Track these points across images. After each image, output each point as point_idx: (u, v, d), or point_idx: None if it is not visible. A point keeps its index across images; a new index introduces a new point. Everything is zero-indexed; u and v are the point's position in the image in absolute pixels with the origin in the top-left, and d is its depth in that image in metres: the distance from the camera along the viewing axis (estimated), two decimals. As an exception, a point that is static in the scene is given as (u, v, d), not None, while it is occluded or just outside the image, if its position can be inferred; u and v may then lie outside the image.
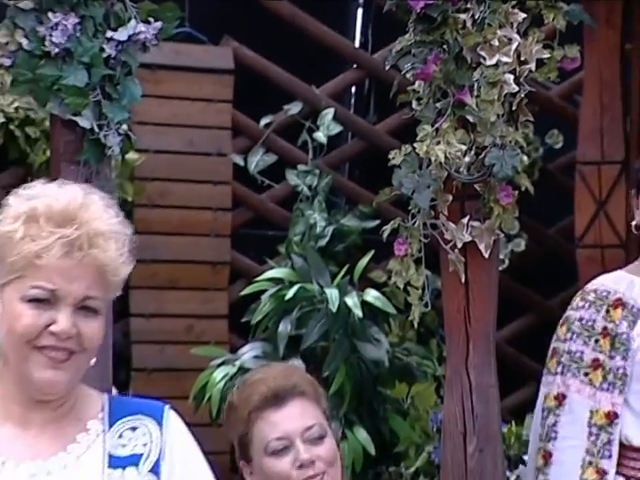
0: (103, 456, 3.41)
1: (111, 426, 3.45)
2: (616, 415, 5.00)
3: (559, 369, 5.08)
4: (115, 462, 3.42)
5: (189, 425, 3.58)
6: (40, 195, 3.36)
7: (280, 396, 4.29)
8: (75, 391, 3.42)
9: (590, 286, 5.10)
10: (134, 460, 3.43)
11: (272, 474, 4.25)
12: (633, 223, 5.03)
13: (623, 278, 5.12)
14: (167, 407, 3.52)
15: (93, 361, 3.40)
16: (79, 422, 3.42)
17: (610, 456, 4.96)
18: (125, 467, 3.41)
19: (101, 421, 3.46)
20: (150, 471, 3.42)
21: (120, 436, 3.45)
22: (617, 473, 4.99)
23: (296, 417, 4.30)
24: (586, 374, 5.03)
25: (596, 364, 5.02)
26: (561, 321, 5.13)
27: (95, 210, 3.33)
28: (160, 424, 3.49)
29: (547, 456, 5.10)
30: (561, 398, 5.06)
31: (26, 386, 3.35)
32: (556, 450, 5.10)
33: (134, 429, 3.48)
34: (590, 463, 5.00)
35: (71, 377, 3.32)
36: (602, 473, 4.98)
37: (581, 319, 5.09)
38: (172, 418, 3.52)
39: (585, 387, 5.07)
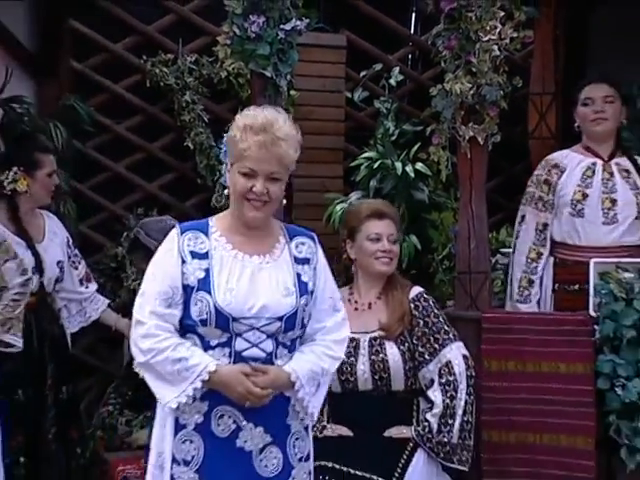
0: (290, 256, 3.44)
1: (290, 240, 3.49)
2: (547, 225, 5.02)
3: (523, 202, 5.13)
4: (297, 260, 3.44)
5: (320, 234, 3.68)
6: (249, 115, 3.39)
7: (381, 213, 4.38)
8: (269, 221, 3.48)
9: (546, 158, 5.14)
10: (306, 261, 3.45)
11: (367, 251, 4.33)
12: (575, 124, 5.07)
13: (565, 152, 5.09)
14: (315, 235, 3.56)
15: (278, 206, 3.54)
16: (273, 237, 3.48)
17: (545, 245, 5.00)
18: (303, 264, 3.44)
19: (284, 237, 3.50)
20: (313, 268, 3.45)
21: (296, 246, 3.47)
22: (551, 255, 5.03)
23: (387, 227, 4.36)
24: (535, 204, 5.05)
25: (539, 198, 5.05)
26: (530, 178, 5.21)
27: (279, 124, 3.34)
28: (315, 244, 3.50)
29: (514, 246, 5.19)
30: (522, 218, 5.12)
31: (242, 220, 3.41)
32: (517, 243, 5.14)
33: (303, 244, 3.49)
34: (534, 249, 5.03)
35: (265, 215, 3.41)
36: (539, 254, 4.99)
37: (535, 175, 5.11)
38: (319, 242, 3.54)
39: (534, 210, 5.06)
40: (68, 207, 5.86)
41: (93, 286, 5.23)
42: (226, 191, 3.50)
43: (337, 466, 4.01)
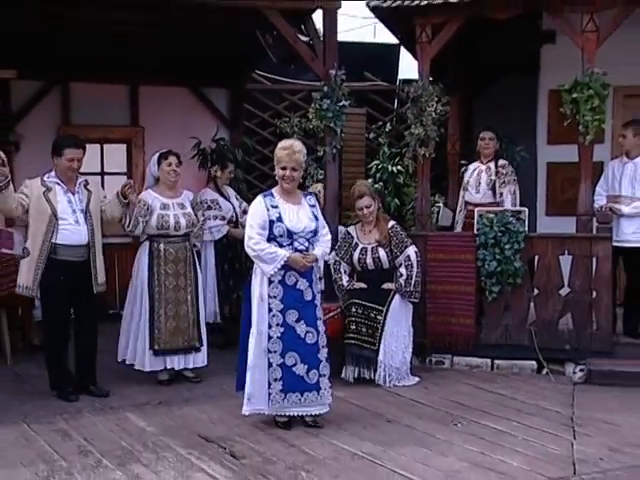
0: (308, 205, 3.28)
1: (305, 197, 3.30)
2: (464, 196, 4.76)
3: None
4: (310, 206, 3.28)
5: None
6: (281, 143, 3.24)
7: (361, 194, 4.05)
8: (296, 191, 3.29)
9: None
10: (314, 207, 3.29)
11: (359, 214, 4.08)
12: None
13: (473, 164, 4.75)
14: (315, 195, 3.36)
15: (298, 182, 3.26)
16: (299, 197, 3.29)
17: (462, 204, 4.75)
18: (312, 207, 3.28)
19: (304, 197, 3.30)
20: (316, 209, 3.29)
21: (309, 200, 3.29)
22: (465, 209, 4.73)
23: (365, 201, 4.04)
24: (460, 188, 4.86)
25: (461, 184, 4.84)
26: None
27: (293, 144, 3.21)
28: (316, 199, 3.28)
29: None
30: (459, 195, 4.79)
31: (283, 189, 3.24)
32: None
33: (311, 199, 3.30)
34: (458, 207, 4.84)
35: (293, 186, 3.24)
36: (461, 209, 4.76)
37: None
38: (316, 199, 3.31)
39: (460, 191, 4.82)
40: (243, 186, 5.98)
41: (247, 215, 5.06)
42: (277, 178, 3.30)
43: (359, 301, 3.98)
